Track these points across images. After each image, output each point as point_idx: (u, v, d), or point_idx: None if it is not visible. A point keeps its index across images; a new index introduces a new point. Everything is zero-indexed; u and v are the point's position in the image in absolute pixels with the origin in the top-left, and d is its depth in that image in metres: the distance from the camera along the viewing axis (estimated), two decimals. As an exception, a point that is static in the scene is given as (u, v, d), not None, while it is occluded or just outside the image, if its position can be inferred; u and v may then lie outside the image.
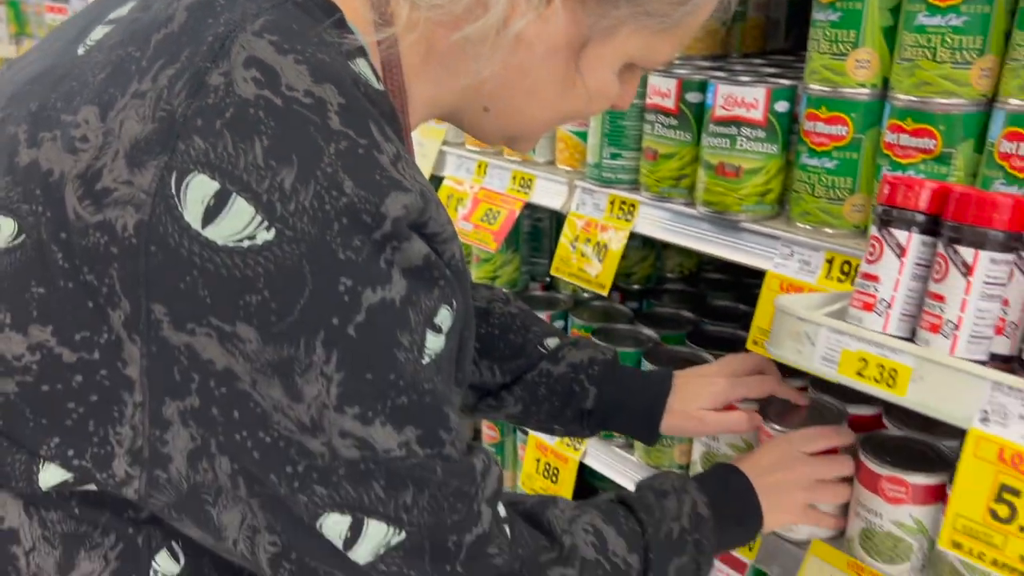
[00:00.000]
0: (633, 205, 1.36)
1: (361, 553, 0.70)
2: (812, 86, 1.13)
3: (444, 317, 0.71)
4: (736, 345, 1.51)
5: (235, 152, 0.61)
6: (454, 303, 0.73)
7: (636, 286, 1.81)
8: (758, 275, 1.21)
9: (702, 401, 1.18)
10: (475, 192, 1.62)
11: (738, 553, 1.31)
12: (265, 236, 0.61)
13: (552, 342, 1.23)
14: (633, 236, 1.39)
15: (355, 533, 0.69)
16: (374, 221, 0.64)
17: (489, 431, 1.85)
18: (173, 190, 0.61)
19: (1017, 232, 0.83)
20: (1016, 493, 0.72)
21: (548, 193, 1.51)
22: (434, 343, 0.70)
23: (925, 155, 1.03)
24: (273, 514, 0.68)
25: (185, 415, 0.65)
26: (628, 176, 1.38)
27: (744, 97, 1.17)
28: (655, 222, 1.33)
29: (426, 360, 0.69)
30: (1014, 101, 0.95)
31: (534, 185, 1.54)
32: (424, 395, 0.69)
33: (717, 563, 1.34)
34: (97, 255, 0.63)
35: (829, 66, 1.10)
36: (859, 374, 0.82)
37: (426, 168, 1.73)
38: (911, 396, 0.78)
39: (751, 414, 1.20)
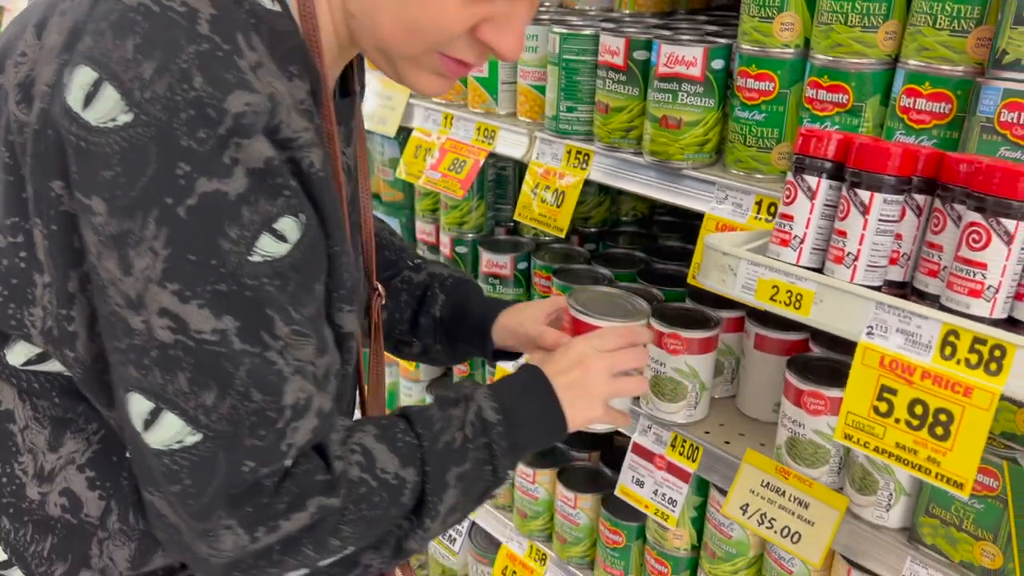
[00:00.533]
0: (587, 155, 1.49)
1: (154, 439, 0.77)
2: (743, 46, 1.25)
3: (289, 227, 0.77)
4: (682, 281, 1.66)
5: (112, 48, 0.73)
6: (302, 215, 0.78)
7: (593, 229, 1.95)
8: (689, 208, 1.36)
9: (525, 315, 1.25)
10: (442, 143, 1.74)
11: (681, 463, 1.48)
12: (125, 118, 0.72)
13: (420, 260, 1.35)
14: (588, 183, 1.52)
15: (153, 418, 0.77)
16: (218, 116, 0.72)
17: (460, 365, 2.00)
18: (65, 80, 0.74)
19: (906, 176, 0.98)
20: (893, 392, 0.87)
21: (510, 144, 1.63)
22: (272, 247, 0.76)
23: (840, 108, 1.17)
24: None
25: (84, 281, 0.78)
26: (583, 128, 1.50)
27: (684, 55, 1.29)
28: (607, 170, 1.47)
29: (256, 258, 0.75)
30: (912, 62, 1.09)
31: (497, 136, 1.66)
32: (245, 289, 0.75)
33: (663, 473, 1.50)
34: (24, 148, 0.77)
35: (758, 28, 1.23)
36: (772, 299, 0.96)
37: (395, 120, 1.84)
38: (814, 316, 0.93)
39: (560, 333, 1.21)
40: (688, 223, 2.01)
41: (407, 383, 2.21)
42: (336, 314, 0.90)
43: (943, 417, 0.83)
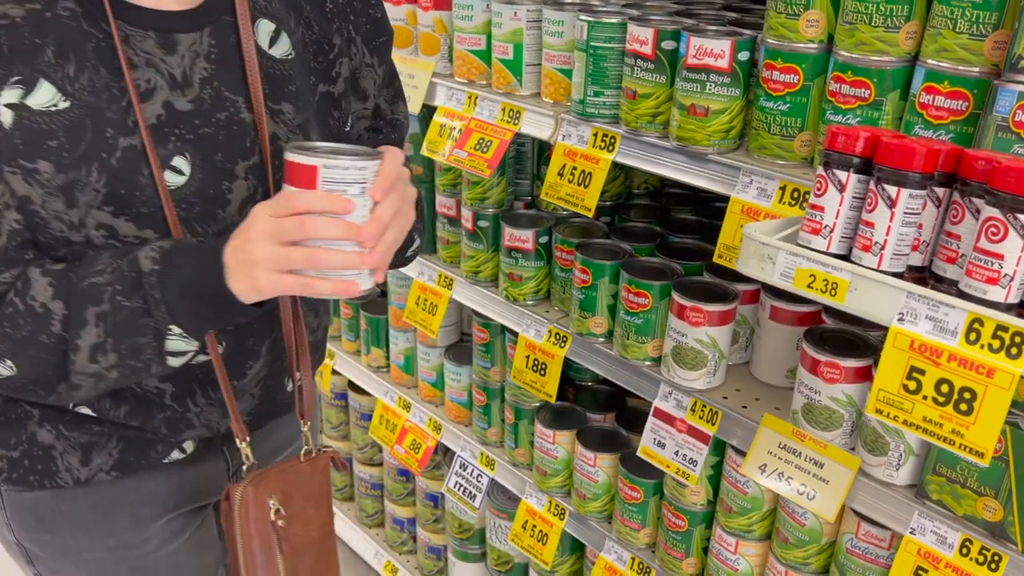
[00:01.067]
0: (614, 137, 1.57)
1: None
2: (770, 40, 1.33)
3: None
4: (699, 255, 1.76)
5: None
6: None
7: (608, 202, 2.03)
8: (712, 190, 1.45)
9: None
10: (467, 122, 1.80)
11: (701, 426, 1.59)
12: None
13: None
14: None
15: None
16: None
17: (479, 333, 2.09)
18: None
19: (929, 173, 1.07)
20: (922, 372, 0.98)
21: (536, 125, 1.70)
22: None
23: (861, 102, 1.26)
24: None
25: None
26: (609, 111, 1.58)
27: (712, 48, 1.37)
28: (633, 153, 1.55)
29: None
30: (931, 61, 1.17)
31: (522, 117, 1.72)
32: None
33: (684, 435, 1.61)
34: None
35: (784, 24, 1.30)
36: (809, 286, 1.06)
37: (417, 97, 1.90)
38: (848, 303, 1.03)
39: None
40: (698, 195, 2.09)
41: (424, 348, 2.30)
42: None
43: (967, 395, 0.94)
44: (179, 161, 1.08)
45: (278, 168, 1.13)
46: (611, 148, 1.57)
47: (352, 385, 2.68)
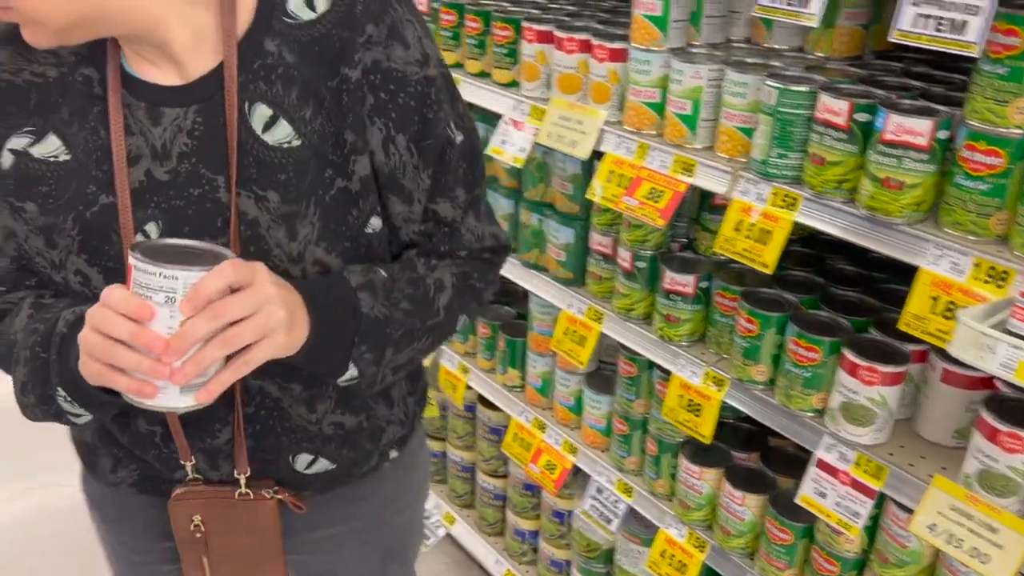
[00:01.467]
0: (795, 198, 1.62)
1: None
2: (973, 123, 1.37)
3: None
4: (863, 310, 1.81)
5: None
6: None
7: (762, 247, 2.09)
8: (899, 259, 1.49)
9: None
10: (637, 171, 1.87)
11: (867, 481, 1.65)
12: None
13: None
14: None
15: None
16: None
17: (626, 366, 2.16)
18: None
19: None
20: None
21: (710, 179, 1.76)
22: None
23: (1069, 190, 1.30)
24: None
25: None
26: (791, 173, 1.63)
27: (913, 127, 1.41)
28: (816, 215, 1.60)
29: None
30: None
31: (695, 170, 1.79)
32: None
33: (847, 488, 1.67)
34: None
35: (992, 109, 1.35)
36: (1032, 380, 1.11)
37: (586, 143, 1.97)
38: (1074, 400, 1.08)
39: None
40: (850, 245, 2.13)
41: (563, 374, 2.39)
42: None
43: None
44: (150, 227, 1.13)
45: (250, 253, 1.13)
46: (792, 207, 1.63)
47: (480, 398, 2.78)
